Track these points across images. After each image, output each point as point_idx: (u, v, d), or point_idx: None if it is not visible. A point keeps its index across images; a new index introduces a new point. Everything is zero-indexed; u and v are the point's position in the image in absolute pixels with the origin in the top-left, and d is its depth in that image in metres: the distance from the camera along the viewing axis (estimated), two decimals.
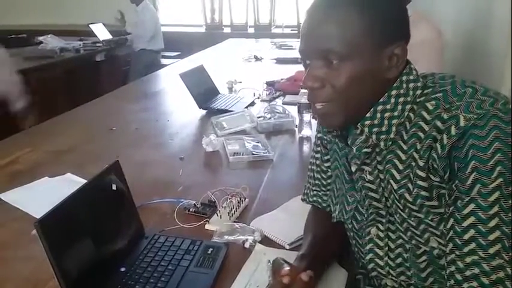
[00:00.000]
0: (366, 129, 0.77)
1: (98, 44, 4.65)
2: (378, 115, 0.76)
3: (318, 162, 1.02)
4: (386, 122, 0.76)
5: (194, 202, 1.20)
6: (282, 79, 2.53)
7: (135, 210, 1.03)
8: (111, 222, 0.95)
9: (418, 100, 0.75)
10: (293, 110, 1.94)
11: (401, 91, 0.76)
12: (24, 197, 1.26)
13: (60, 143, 1.78)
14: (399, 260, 0.81)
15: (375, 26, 0.72)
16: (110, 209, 0.96)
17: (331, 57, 0.73)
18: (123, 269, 0.91)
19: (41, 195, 1.24)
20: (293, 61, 3.23)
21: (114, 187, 0.96)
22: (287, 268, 0.78)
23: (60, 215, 0.81)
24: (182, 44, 5.35)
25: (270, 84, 2.51)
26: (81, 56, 4.31)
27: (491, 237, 0.63)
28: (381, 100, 0.76)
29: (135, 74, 4.36)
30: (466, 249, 0.65)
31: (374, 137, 0.77)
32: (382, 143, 0.77)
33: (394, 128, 0.76)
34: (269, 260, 0.86)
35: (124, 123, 2.04)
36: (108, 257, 0.91)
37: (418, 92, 0.76)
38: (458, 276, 0.65)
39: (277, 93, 2.38)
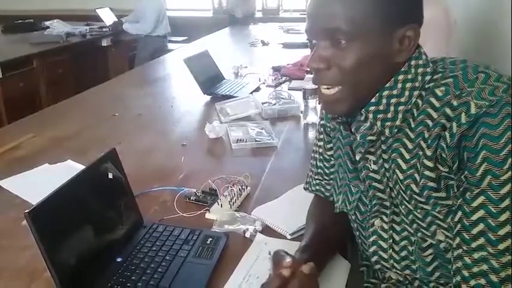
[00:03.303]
0: (371, 116, 0.73)
1: (104, 29, 4.61)
2: (384, 101, 0.72)
3: (320, 150, 0.99)
4: (392, 108, 0.72)
5: (195, 190, 1.18)
6: (288, 64, 2.48)
7: (132, 199, 1.01)
8: (107, 212, 0.92)
9: (426, 86, 0.71)
10: (298, 96, 1.90)
11: (409, 76, 0.71)
12: (23, 185, 1.25)
13: (63, 128, 1.76)
14: (404, 253, 0.77)
15: (385, 5, 0.68)
16: (106, 198, 0.93)
17: (338, 37, 0.69)
18: (119, 259, 0.89)
19: (41, 183, 1.22)
20: (300, 46, 3.17)
21: (110, 175, 0.93)
22: (288, 260, 0.75)
23: (53, 205, 0.78)
24: (189, 28, 5.30)
25: (276, 69, 2.46)
26: (87, 40, 4.28)
27: (502, 232, 0.59)
28: (387, 85, 0.72)
29: (142, 59, 4.32)
30: (474, 245, 0.61)
31: (379, 123, 0.73)
32: (387, 131, 0.73)
33: (400, 115, 0.72)
34: (270, 251, 0.83)
35: (128, 109, 2.02)
36: (104, 247, 0.89)
37: (427, 77, 0.71)
38: (466, 273, 0.62)
39: (283, 79, 2.33)
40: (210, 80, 2.20)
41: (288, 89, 2.15)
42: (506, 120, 0.60)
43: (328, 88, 0.73)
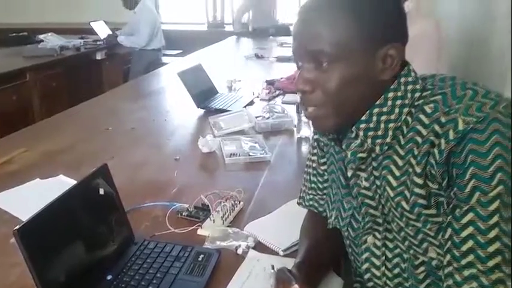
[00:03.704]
0: (361, 133, 0.74)
1: (98, 42, 4.62)
2: (374, 118, 0.73)
3: (314, 165, 0.99)
4: (382, 125, 0.72)
5: (187, 206, 1.17)
6: (281, 78, 2.49)
7: (124, 215, 1.00)
8: (97, 228, 0.91)
9: (416, 103, 0.71)
10: (292, 110, 1.91)
11: (399, 93, 0.72)
12: (13, 200, 1.23)
13: (55, 143, 1.75)
14: (397, 271, 0.77)
15: (367, 27, 0.69)
16: (97, 214, 0.92)
17: (321, 59, 0.70)
18: (109, 277, 0.88)
19: (31, 198, 1.21)
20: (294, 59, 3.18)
21: (101, 191, 0.93)
22: (297, 286, 0.74)
23: (43, 222, 0.78)
24: (184, 42, 5.32)
25: (269, 83, 2.47)
26: (82, 54, 4.28)
27: (491, 249, 0.59)
28: (378, 103, 0.72)
29: (136, 73, 4.32)
30: (464, 262, 0.61)
31: (369, 141, 0.73)
32: (377, 148, 0.73)
33: (390, 132, 0.72)
34: (273, 266, 0.82)
35: (121, 122, 2.01)
36: (95, 264, 0.88)
37: (417, 94, 0.72)
38: None
39: (277, 92, 2.35)
40: (203, 93, 2.21)
41: (282, 103, 2.16)
42: (493, 136, 0.61)
43: (313, 108, 0.74)
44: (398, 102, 0.72)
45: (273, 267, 0.81)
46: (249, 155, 1.54)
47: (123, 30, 4.62)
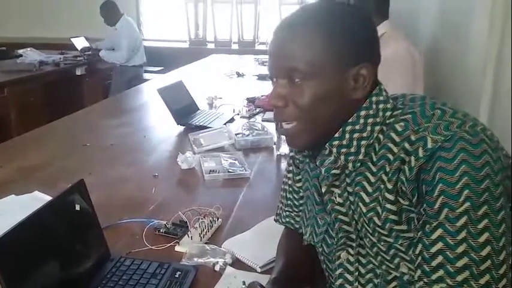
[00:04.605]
0: (334, 150, 0.76)
1: (79, 58, 4.60)
2: (347, 136, 0.75)
3: (290, 182, 1.00)
4: (355, 142, 0.75)
5: (165, 222, 1.17)
6: (262, 96, 2.52)
7: (100, 232, 0.99)
8: (73, 245, 0.90)
9: (387, 121, 0.74)
10: (272, 127, 1.93)
11: (371, 112, 0.75)
12: None
13: (31, 159, 1.72)
14: (370, 286, 0.78)
15: (339, 46, 0.72)
16: (73, 231, 0.92)
17: (294, 76, 0.72)
18: None
19: (6, 214, 1.19)
20: None
21: (77, 207, 0.92)
22: None
23: (16, 238, 0.76)
24: (166, 58, 5.33)
25: (250, 100, 2.50)
26: (61, 69, 4.25)
27: (459, 263, 0.61)
28: (350, 120, 0.75)
29: (117, 88, 4.30)
30: (434, 277, 0.63)
31: (342, 158, 0.75)
32: (350, 164, 0.75)
33: (363, 149, 0.74)
34: (244, 282, 0.83)
35: (100, 138, 2.00)
36: (70, 281, 0.87)
37: (388, 113, 0.75)
38: None
39: (257, 110, 2.37)
40: (184, 110, 2.22)
41: (262, 120, 2.19)
42: (460, 154, 0.63)
43: (287, 123, 0.76)
44: (370, 120, 0.74)
45: (244, 283, 0.82)
46: (229, 172, 1.55)
47: (103, 43, 4.61)
